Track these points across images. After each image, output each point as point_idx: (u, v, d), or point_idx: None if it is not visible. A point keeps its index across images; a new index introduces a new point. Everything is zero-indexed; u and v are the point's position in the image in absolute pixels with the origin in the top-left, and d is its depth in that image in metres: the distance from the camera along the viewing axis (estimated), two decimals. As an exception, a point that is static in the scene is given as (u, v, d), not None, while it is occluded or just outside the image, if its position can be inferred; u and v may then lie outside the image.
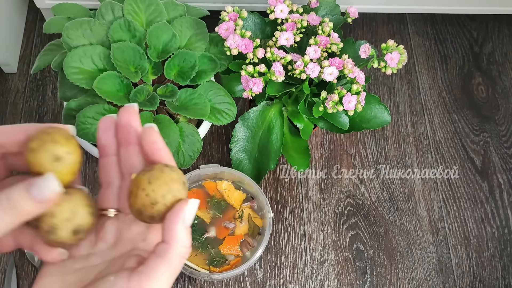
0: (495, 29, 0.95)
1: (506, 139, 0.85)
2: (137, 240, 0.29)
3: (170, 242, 0.25)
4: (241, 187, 0.70)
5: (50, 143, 0.26)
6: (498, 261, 0.76)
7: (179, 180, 0.27)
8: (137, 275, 0.25)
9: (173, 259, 0.25)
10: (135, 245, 0.28)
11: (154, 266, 0.25)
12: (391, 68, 0.58)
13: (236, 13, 0.62)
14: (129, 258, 0.27)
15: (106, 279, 0.25)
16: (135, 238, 0.29)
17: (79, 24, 0.58)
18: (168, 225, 0.26)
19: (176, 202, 0.27)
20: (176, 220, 0.26)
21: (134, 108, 0.29)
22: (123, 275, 0.25)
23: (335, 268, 0.74)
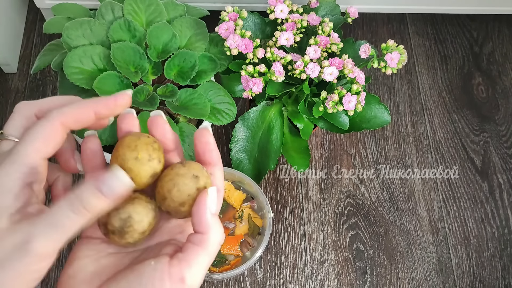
0: (495, 29, 0.95)
1: (506, 139, 0.85)
2: (175, 232, 0.29)
3: (205, 231, 0.26)
4: (241, 187, 0.70)
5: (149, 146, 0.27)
6: (498, 261, 0.76)
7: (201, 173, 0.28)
8: (177, 261, 0.25)
9: (211, 246, 0.26)
10: (173, 236, 0.29)
11: (193, 252, 0.26)
12: (391, 68, 0.58)
13: (236, 13, 0.62)
14: (166, 246, 0.27)
15: (147, 263, 0.25)
16: (173, 229, 0.29)
17: (79, 24, 0.58)
18: (198, 218, 0.26)
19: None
20: (202, 212, 0.26)
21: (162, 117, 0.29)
22: (163, 260, 0.25)
23: (335, 268, 0.74)
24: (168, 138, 0.29)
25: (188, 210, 0.27)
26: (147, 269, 0.25)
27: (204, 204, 0.27)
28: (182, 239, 0.29)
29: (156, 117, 0.29)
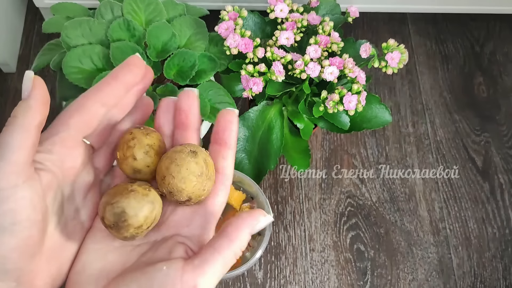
0: (496, 28, 0.94)
1: (507, 139, 0.85)
2: (181, 224, 0.28)
3: (233, 240, 0.25)
4: (241, 187, 0.69)
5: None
6: (499, 261, 0.76)
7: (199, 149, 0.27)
8: (192, 268, 0.24)
9: (229, 257, 0.25)
10: (178, 230, 0.28)
11: (210, 260, 0.25)
12: (392, 68, 0.58)
13: (236, 13, 0.62)
14: (176, 247, 0.26)
15: (158, 268, 0.24)
16: (179, 222, 0.28)
17: (78, 23, 0.58)
18: (238, 225, 0.26)
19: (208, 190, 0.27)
20: (248, 225, 0.26)
21: (195, 92, 0.29)
22: (176, 266, 0.24)
23: (336, 269, 0.74)
24: (193, 113, 0.29)
25: (190, 189, 0.27)
26: (158, 274, 0.24)
27: (256, 221, 0.26)
28: (188, 233, 0.27)
29: (190, 90, 0.29)
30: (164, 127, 0.30)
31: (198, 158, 0.27)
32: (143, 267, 0.25)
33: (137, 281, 0.24)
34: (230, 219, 0.26)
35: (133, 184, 0.27)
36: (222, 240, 0.25)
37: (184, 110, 0.29)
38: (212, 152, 0.28)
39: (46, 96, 0.25)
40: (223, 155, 0.28)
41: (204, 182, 0.27)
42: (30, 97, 0.24)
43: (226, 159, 0.28)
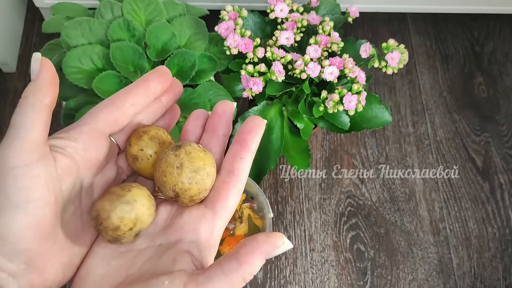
0: (496, 28, 0.94)
1: (507, 139, 0.85)
2: (187, 229, 0.27)
3: (244, 265, 0.24)
4: (241, 187, 0.69)
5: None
6: (499, 261, 0.76)
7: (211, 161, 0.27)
8: (195, 285, 0.23)
9: (236, 281, 0.24)
10: (184, 235, 0.27)
11: (216, 281, 0.23)
12: (392, 68, 0.58)
13: (236, 12, 0.62)
14: (181, 256, 0.25)
15: (161, 282, 0.23)
16: (185, 226, 0.27)
17: (78, 23, 0.58)
18: (253, 249, 0.24)
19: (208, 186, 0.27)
20: (263, 250, 0.24)
21: (233, 105, 0.29)
22: (179, 281, 0.23)
23: (336, 269, 0.74)
24: (225, 118, 0.29)
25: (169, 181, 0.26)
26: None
27: (272, 249, 0.24)
28: (194, 238, 0.27)
29: (229, 101, 0.29)
30: (190, 132, 0.30)
31: (179, 150, 0.26)
32: (146, 279, 0.24)
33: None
34: (245, 240, 0.25)
35: (121, 185, 0.26)
36: (231, 262, 0.24)
37: (218, 113, 0.29)
38: (231, 151, 0.28)
39: (55, 76, 0.25)
40: (242, 156, 0.27)
41: (190, 174, 0.26)
42: (39, 78, 0.25)
43: (244, 161, 0.27)
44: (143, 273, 0.25)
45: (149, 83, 0.28)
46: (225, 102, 0.29)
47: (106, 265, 0.26)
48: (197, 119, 0.30)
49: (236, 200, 0.28)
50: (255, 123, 0.28)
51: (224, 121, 0.29)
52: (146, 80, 0.28)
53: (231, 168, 0.28)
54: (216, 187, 0.28)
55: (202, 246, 0.26)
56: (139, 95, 0.28)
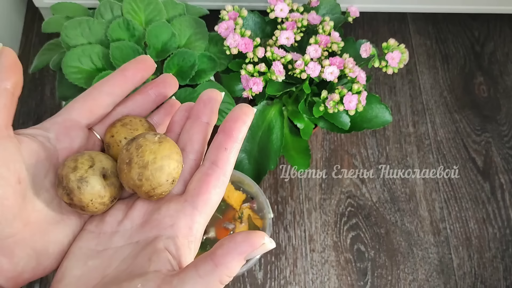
0: (496, 28, 0.94)
1: (508, 139, 0.85)
2: (165, 224, 0.26)
3: (220, 266, 0.23)
4: (241, 188, 0.69)
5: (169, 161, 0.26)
6: (499, 262, 0.76)
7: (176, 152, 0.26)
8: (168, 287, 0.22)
9: (213, 283, 0.23)
10: (161, 231, 0.25)
11: (190, 284, 0.22)
12: (392, 68, 0.58)
13: (236, 12, 0.61)
14: (157, 255, 0.24)
15: (133, 285, 0.22)
16: (163, 221, 0.26)
17: (78, 23, 0.57)
18: (229, 250, 0.23)
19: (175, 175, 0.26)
20: (241, 251, 0.23)
21: (221, 93, 0.28)
22: (151, 285, 0.22)
23: (336, 269, 0.73)
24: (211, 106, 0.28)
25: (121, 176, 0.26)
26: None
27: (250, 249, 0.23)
28: (172, 234, 0.25)
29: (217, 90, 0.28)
30: (177, 123, 0.29)
31: (130, 145, 0.25)
32: (120, 281, 0.23)
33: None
34: (223, 240, 0.24)
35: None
36: (207, 264, 0.23)
37: (203, 100, 0.28)
38: (215, 141, 0.26)
39: (15, 62, 0.25)
40: (227, 146, 0.26)
41: (138, 170, 0.25)
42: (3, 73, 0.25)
43: (229, 151, 0.26)
44: (119, 273, 0.24)
45: (125, 72, 0.28)
46: (212, 90, 0.28)
47: (82, 266, 0.25)
48: (185, 110, 0.29)
49: (219, 193, 0.26)
50: (242, 111, 0.26)
51: (209, 108, 0.28)
52: (123, 69, 0.28)
53: (215, 159, 0.26)
54: (198, 180, 0.26)
55: (180, 243, 0.25)
56: (114, 84, 0.28)
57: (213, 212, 0.26)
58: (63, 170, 0.25)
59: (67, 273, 0.25)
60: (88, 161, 0.25)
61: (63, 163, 0.26)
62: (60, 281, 0.25)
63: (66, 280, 0.25)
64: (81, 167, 0.25)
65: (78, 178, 0.25)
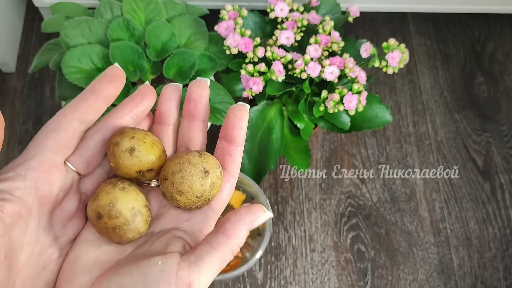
0: (497, 28, 0.94)
1: (508, 139, 0.85)
2: (181, 218, 0.27)
3: (230, 237, 0.25)
4: (241, 187, 0.69)
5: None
6: (500, 262, 0.76)
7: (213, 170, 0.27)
8: (187, 264, 0.24)
9: (225, 254, 0.24)
10: (178, 224, 0.27)
11: (206, 257, 0.24)
12: (392, 68, 0.58)
13: (236, 12, 0.61)
14: (173, 241, 0.25)
15: (154, 262, 0.23)
16: (179, 216, 0.27)
17: (78, 23, 0.57)
18: (236, 222, 0.25)
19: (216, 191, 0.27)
20: (246, 221, 0.25)
21: (206, 82, 0.28)
22: (171, 262, 0.23)
23: (336, 269, 0.73)
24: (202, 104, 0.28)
25: (184, 202, 0.26)
26: (153, 269, 0.23)
27: (254, 217, 0.25)
28: (187, 228, 0.27)
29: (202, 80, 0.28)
30: (166, 115, 0.28)
31: (206, 180, 0.26)
32: (138, 260, 0.24)
33: (131, 274, 0.23)
34: (228, 215, 0.26)
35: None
36: (219, 237, 0.25)
37: (193, 99, 0.28)
38: (219, 148, 0.28)
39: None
40: (231, 153, 0.27)
41: (200, 202, 0.26)
42: None
43: (234, 157, 0.27)
44: (135, 256, 0.25)
45: (98, 94, 0.26)
46: (198, 83, 0.28)
47: (96, 250, 0.26)
48: (170, 99, 0.28)
49: (229, 193, 0.28)
50: (237, 117, 0.27)
51: (202, 107, 0.28)
52: (94, 90, 0.26)
53: (222, 163, 0.28)
54: None
55: (195, 236, 0.27)
56: (87, 110, 0.25)
57: (224, 208, 0.28)
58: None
59: (81, 256, 0.25)
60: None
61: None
62: (73, 262, 0.25)
63: (81, 261, 0.25)
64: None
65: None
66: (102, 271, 0.25)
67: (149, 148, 0.27)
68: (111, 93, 0.26)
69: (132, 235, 0.26)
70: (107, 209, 0.25)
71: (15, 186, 0.24)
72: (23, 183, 0.24)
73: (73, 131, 0.25)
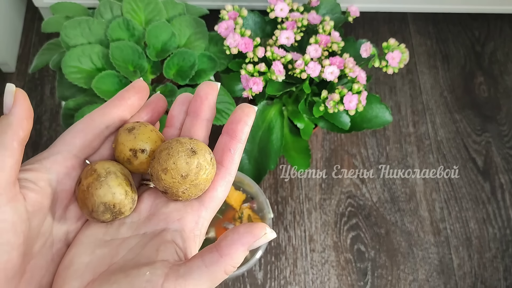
0: (497, 28, 0.94)
1: (508, 139, 0.85)
2: (172, 218, 0.27)
3: (224, 257, 0.24)
4: (241, 188, 0.69)
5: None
6: (500, 262, 0.76)
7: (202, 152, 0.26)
8: (175, 277, 0.23)
9: (217, 273, 0.24)
10: (169, 224, 0.27)
11: (196, 273, 0.23)
12: (392, 68, 0.58)
13: (236, 12, 0.61)
14: (164, 246, 0.25)
15: (142, 272, 0.23)
16: (171, 215, 0.27)
17: (78, 23, 0.57)
18: (233, 241, 0.24)
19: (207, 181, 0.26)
20: (244, 242, 0.24)
21: (216, 85, 0.28)
22: (159, 272, 0.23)
23: (336, 269, 0.73)
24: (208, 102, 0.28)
25: (169, 182, 0.25)
26: (141, 279, 0.23)
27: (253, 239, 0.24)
28: (179, 227, 0.26)
29: (213, 82, 0.28)
30: (176, 118, 0.29)
31: (192, 159, 0.26)
32: (128, 269, 0.24)
33: (119, 284, 0.23)
34: (227, 232, 0.25)
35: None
36: (212, 254, 0.24)
37: (200, 96, 0.28)
38: (221, 143, 0.27)
39: (29, 110, 0.24)
40: (231, 148, 0.27)
41: (186, 185, 0.26)
42: (11, 114, 0.23)
43: (234, 153, 0.27)
44: (126, 262, 0.25)
45: (125, 102, 0.27)
46: (208, 83, 0.28)
47: (90, 254, 0.26)
48: (182, 103, 0.29)
49: (225, 191, 0.27)
50: (244, 113, 0.27)
51: (207, 105, 0.28)
52: (123, 99, 0.27)
53: (221, 159, 0.27)
54: None
55: (186, 236, 0.26)
56: (115, 117, 0.27)
57: (218, 208, 0.27)
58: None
59: (75, 260, 0.25)
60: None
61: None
62: (67, 267, 0.25)
63: (74, 266, 0.25)
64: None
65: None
66: (94, 275, 0.25)
67: (148, 131, 0.27)
68: (136, 103, 0.28)
69: (104, 193, 0.25)
70: (85, 171, 0.26)
71: (39, 177, 0.25)
72: (48, 176, 0.25)
73: (99, 134, 0.27)
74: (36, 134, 0.78)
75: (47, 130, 0.78)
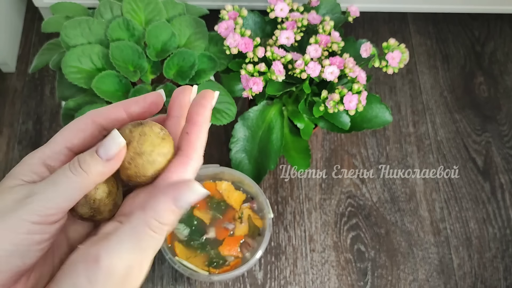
0: (497, 28, 0.94)
1: (508, 139, 0.85)
2: (136, 208, 0.26)
3: (146, 211, 0.23)
4: (241, 188, 0.69)
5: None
6: (500, 262, 0.76)
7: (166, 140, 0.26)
8: (97, 239, 0.23)
9: (140, 229, 0.23)
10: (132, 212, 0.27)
11: (118, 232, 0.23)
12: (392, 67, 0.58)
13: (236, 12, 0.61)
14: (110, 223, 0.25)
15: (76, 247, 0.24)
16: (137, 206, 0.26)
17: (78, 23, 0.57)
18: (155, 194, 0.24)
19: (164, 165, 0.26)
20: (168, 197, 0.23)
21: (215, 95, 0.28)
22: (89, 241, 0.23)
23: (336, 269, 0.73)
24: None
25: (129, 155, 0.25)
26: (74, 254, 0.23)
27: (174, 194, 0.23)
28: (127, 211, 0.27)
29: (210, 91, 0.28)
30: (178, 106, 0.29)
31: (136, 127, 0.26)
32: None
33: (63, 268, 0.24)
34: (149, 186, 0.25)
35: None
36: (136, 211, 0.24)
37: (173, 97, 0.28)
38: (181, 129, 0.27)
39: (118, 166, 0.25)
40: (187, 130, 0.26)
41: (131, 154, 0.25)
42: (108, 165, 0.24)
43: (190, 135, 0.26)
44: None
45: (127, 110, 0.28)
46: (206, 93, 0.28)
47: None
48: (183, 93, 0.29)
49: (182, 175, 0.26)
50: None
51: (177, 103, 0.28)
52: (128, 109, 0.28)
53: (179, 144, 0.27)
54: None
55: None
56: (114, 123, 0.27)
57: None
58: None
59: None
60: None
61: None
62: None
63: None
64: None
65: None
66: None
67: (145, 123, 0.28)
68: (141, 116, 0.28)
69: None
70: None
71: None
72: None
73: (97, 136, 0.27)
74: (36, 134, 0.78)
75: (47, 130, 0.78)
